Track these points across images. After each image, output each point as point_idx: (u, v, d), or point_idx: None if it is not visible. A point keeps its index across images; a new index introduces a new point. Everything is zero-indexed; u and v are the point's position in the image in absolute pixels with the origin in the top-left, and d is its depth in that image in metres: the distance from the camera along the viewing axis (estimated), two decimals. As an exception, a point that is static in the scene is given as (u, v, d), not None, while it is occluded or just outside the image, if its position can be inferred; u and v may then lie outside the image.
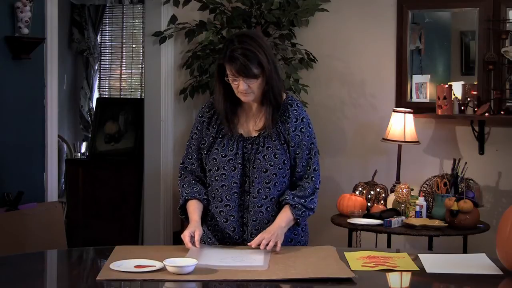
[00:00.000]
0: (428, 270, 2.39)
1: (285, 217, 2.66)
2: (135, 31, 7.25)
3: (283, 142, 2.69)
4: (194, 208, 2.70)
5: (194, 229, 2.61)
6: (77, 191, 5.81)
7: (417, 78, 4.94)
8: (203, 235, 2.70)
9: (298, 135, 2.70)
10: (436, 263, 2.48)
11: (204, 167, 2.75)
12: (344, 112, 5.12)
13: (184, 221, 2.78)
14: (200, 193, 2.73)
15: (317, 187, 2.72)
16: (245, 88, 2.59)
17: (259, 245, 2.55)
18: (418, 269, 2.41)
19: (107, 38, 7.38)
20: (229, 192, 2.69)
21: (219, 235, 2.74)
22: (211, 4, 4.99)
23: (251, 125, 2.72)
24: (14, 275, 2.34)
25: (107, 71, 7.36)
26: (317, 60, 5.06)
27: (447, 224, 4.10)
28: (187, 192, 2.73)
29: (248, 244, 2.58)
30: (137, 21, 7.21)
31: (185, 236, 2.58)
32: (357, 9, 5.05)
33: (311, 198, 2.69)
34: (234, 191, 2.68)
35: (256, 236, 2.64)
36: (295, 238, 2.77)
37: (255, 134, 2.70)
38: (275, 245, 2.54)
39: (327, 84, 5.16)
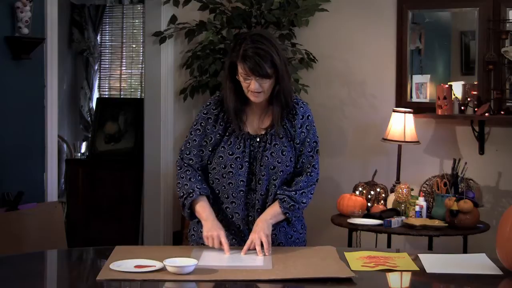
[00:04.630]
0: (428, 270, 2.39)
1: (271, 210, 2.65)
2: (135, 31, 7.26)
3: (289, 139, 2.69)
4: (209, 206, 2.67)
5: (223, 232, 2.59)
6: (77, 191, 5.82)
7: (417, 78, 4.93)
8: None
9: (304, 132, 2.70)
10: (436, 263, 2.48)
11: (202, 164, 2.71)
12: (344, 112, 5.12)
13: (183, 213, 2.71)
14: (208, 190, 2.69)
15: (314, 183, 2.71)
16: (257, 88, 2.57)
17: (251, 249, 2.55)
18: (418, 269, 2.41)
19: (107, 38, 7.39)
20: (235, 190, 2.67)
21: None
22: (211, 4, 4.99)
23: (258, 123, 2.71)
24: (14, 275, 2.34)
25: (107, 71, 7.36)
26: (317, 60, 5.06)
27: (447, 224, 4.10)
28: (198, 187, 2.67)
29: (241, 253, 2.56)
30: (137, 21, 7.21)
31: (222, 236, 2.56)
32: (357, 9, 5.05)
33: (302, 191, 2.67)
34: (241, 189, 2.67)
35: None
36: (294, 234, 2.77)
37: (262, 132, 2.70)
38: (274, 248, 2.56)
39: (327, 84, 5.15)
